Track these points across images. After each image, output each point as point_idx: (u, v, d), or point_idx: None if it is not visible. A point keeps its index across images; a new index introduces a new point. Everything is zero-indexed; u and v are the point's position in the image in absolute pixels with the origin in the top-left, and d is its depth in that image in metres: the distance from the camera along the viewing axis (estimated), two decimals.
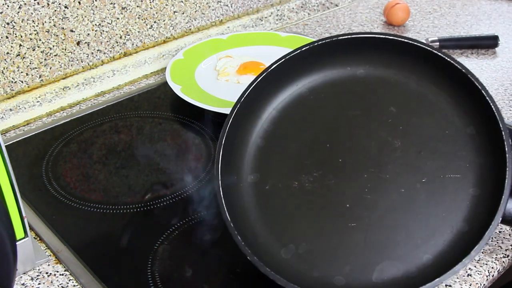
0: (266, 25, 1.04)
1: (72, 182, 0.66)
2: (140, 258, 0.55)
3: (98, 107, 0.80)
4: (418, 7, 1.12)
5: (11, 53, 0.75)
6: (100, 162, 0.69)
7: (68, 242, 0.58)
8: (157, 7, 0.88)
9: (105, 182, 0.66)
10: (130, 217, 0.61)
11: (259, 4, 1.03)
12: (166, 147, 0.72)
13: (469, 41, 0.94)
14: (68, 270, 0.55)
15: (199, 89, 0.82)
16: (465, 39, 0.95)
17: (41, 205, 0.63)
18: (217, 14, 0.97)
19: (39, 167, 0.69)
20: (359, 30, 1.03)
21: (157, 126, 0.76)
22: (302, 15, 1.09)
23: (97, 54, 0.84)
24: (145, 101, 0.82)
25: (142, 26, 0.87)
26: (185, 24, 0.93)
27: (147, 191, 0.65)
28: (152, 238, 0.58)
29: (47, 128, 0.76)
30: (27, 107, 0.78)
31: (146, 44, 0.89)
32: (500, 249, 0.57)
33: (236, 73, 0.85)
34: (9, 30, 0.74)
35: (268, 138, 0.59)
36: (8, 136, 0.76)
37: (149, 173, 0.67)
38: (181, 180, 0.66)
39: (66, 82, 0.81)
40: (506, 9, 1.10)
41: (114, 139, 0.73)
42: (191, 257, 0.56)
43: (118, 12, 0.84)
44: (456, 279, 0.54)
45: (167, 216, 0.61)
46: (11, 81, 0.77)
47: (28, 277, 0.55)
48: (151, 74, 0.90)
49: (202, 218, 0.60)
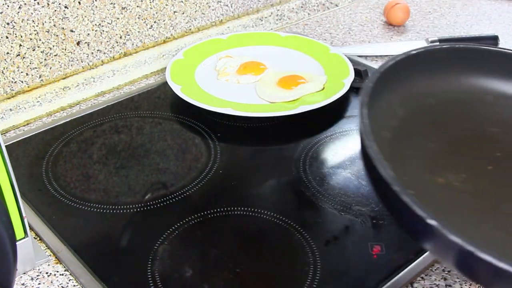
0: (266, 25, 1.04)
1: (72, 182, 0.66)
2: (140, 258, 0.55)
3: (98, 107, 0.80)
4: (418, 7, 1.12)
5: (11, 53, 0.75)
6: (100, 162, 0.69)
7: (68, 242, 0.58)
8: (157, 7, 0.88)
9: (105, 182, 0.66)
10: (130, 217, 0.61)
11: (259, 4, 1.03)
12: (166, 147, 0.72)
13: (469, 41, 0.94)
14: (68, 270, 0.55)
15: (199, 89, 0.82)
16: (465, 39, 0.95)
17: (41, 205, 0.63)
18: (217, 14, 0.97)
19: (39, 167, 0.69)
20: (359, 30, 1.03)
21: (157, 126, 0.76)
22: (302, 15, 1.09)
23: (97, 54, 0.84)
24: (145, 101, 0.82)
25: (142, 26, 0.87)
26: (185, 24, 0.93)
27: (147, 191, 0.65)
28: (152, 238, 0.58)
29: (47, 128, 0.76)
30: (27, 107, 0.78)
31: (146, 44, 0.89)
32: None
33: (236, 73, 0.85)
34: (9, 30, 0.74)
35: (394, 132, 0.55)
36: (8, 136, 0.76)
37: (149, 173, 0.67)
38: (181, 180, 0.66)
39: (66, 82, 0.81)
40: (506, 9, 1.10)
41: (114, 139, 0.73)
42: (191, 257, 0.56)
43: (118, 12, 0.84)
44: (456, 279, 0.54)
45: (167, 216, 0.61)
46: (11, 81, 0.77)
47: (28, 277, 0.55)
48: (151, 74, 0.90)
49: (202, 218, 0.60)
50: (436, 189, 0.52)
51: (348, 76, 0.81)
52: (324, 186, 0.64)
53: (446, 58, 0.59)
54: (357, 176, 0.66)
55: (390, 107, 0.56)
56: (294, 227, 0.59)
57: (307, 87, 0.79)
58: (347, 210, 0.61)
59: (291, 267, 0.54)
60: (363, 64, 0.88)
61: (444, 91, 0.59)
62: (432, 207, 0.45)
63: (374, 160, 0.45)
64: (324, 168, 0.68)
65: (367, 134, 0.47)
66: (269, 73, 0.84)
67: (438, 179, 0.52)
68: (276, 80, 0.81)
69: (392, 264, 0.55)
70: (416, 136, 0.56)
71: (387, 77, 0.54)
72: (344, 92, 0.78)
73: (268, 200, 0.63)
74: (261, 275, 0.54)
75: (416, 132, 0.56)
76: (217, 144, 0.72)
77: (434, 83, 0.59)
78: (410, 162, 0.53)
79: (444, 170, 0.53)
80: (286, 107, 0.76)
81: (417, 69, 0.58)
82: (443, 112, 0.58)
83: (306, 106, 0.75)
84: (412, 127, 0.56)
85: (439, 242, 0.42)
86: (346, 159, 0.69)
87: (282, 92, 0.79)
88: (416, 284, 0.53)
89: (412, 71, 0.57)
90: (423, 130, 0.56)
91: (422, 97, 0.58)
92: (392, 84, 0.56)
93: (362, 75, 0.83)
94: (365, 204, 0.61)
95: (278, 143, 0.74)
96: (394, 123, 0.55)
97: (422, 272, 0.54)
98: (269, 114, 0.74)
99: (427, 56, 0.58)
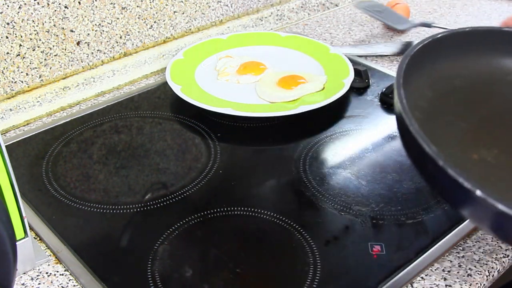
0: (266, 25, 1.04)
1: (72, 182, 0.66)
2: (140, 258, 0.55)
3: (98, 107, 0.80)
4: (418, 7, 1.12)
5: (11, 53, 0.75)
6: (100, 162, 0.69)
7: (68, 242, 0.58)
8: (157, 7, 0.88)
9: (105, 182, 0.66)
10: (130, 217, 0.61)
11: (259, 4, 1.03)
12: (166, 147, 0.72)
13: None
14: (68, 270, 0.55)
15: (199, 89, 0.82)
16: None
17: (41, 205, 0.63)
18: (217, 14, 0.97)
19: (39, 167, 0.69)
20: (359, 30, 1.03)
21: (157, 126, 0.76)
22: (302, 15, 1.09)
23: (97, 54, 0.84)
24: (145, 101, 0.82)
25: (142, 26, 0.87)
26: (185, 24, 0.93)
27: (147, 191, 0.65)
28: (152, 238, 0.58)
29: (47, 128, 0.76)
30: (27, 107, 0.78)
31: (146, 44, 0.89)
32: (500, 249, 0.57)
33: (236, 73, 0.85)
34: (9, 30, 0.74)
35: (425, 112, 0.57)
36: (8, 136, 0.76)
37: (149, 173, 0.67)
38: (181, 180, 0.66)
39: (66, 82, 0.81)
40: (506, 9, 1.10)
41: (114, 139, 0.73)
42: (191, 257, 0.56)
43: (118, 12, 0.84)
44: (456, 279, 0.54)
45: (167, 216, 0.61)
46: (11, 81, 0.77)
47: (28, 277, 0.55)
48: (151, 74, 0.90)
49: (202, 218, 0.60)
50: (471, 164, 0.54)
51: (348, 76, 0.81)
52: (324, 186, 0.64)
53: (469, 41, 0.61)
54: (357, 176, 0.66)
55: (418, 89, 0.57)
56: (294, 227, 0.59)
57: (307, 87, 0.79)
58: (347, 210, 0.61)
59: (291, 267, 0.54)
60: (363, 64, 0.88)
61: (469, 73, 0.61)
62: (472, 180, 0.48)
63: (418, 138, 0.47)
64: (324, 168, 0.68)
65: (407, 113, 0.49)
66: (269, 73, 0.84)
67: (473, 155, 0.54)
68: (276, 80, 0.81)
69: (392, 264, 0.55)
70: (446, 116, 0.57)
71: (415, 60, 0.56)
72: (344, 92, 0.78)
73: (268, 200, 0.63)
74: (261, 275, 0.54)
75: (446, 112, 0.58)
76: (217, 144, 0.72)
77: (459, 65, 0.61)
78: (443, 140, 0.55)
79: (476, 147, 0.55)
80: (286, 107, 0.76)
81: (442, 52, 0.59)
82: (469, 93, 0.60)
83: (306, 106, 0.75)
84: (441, 107, 0.58)
85: (482, 209, 0.45)
86: (346, 159, 0.69)
87: (282, 92, 0.79)
88: (416, 284, 0.53)
89: (438, 54, 0.59)
90: (452, 110, 0.58)
91: (448, 79, 0.60)
92: (419, 68, 0.58)
93: (362, 75, 0.83)
94: (365, 204, 0.61)
95: (278, 143, 0.74)
96: (423, 104, 0.57)
97: (422, 272, 0.54)
98: (269, 114, 0.74)
99: (451, 39, 0.59)
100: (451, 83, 0.60)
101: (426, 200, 0.62)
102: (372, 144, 0.71)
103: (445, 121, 0.58)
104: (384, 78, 0.86)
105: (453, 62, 0.61)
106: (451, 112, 0.58)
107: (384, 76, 0.86)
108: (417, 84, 0.58)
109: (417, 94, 0.58)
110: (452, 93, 0.60)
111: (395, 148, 0.70)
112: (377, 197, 0.62)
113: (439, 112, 0.58)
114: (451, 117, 0.58)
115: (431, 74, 0.59)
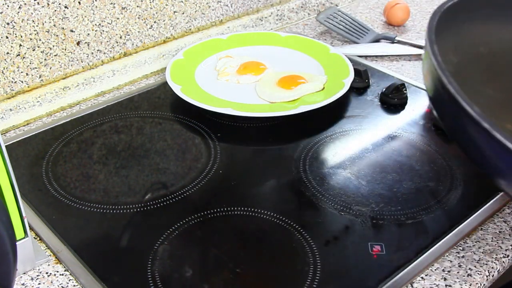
0: (266, 25, 1.04)
1: (72, 182, 0.66)
2: (140, 258, 0.55)
3: (98, 107, 0.80)
4: (418, 7, 1.12)
5: (11, 53, 0.75)
6: (100, 162, 0.69)
7: (68, 242, 0.58)
8: (157, 7, 0.88)
9: (105, 182, 0.66)
10: (130, 217, 0.61)
11: (259, 4, 1.03)
12: (166, 147, 0.72)
13: None
14: (68, 270, 0.55)
15: (199, 89, 0.82)
16: None
17: (41, 205, 0.63)
18: (217, 14, 0.97)
19: (39, 167, 0.69)
20: None
21: (157, 126, 0.76)
22: (302, 15, 1.09)
23: (97, 54, 0.84)
24: (145, 101, 0.82)
25: (142, 26, 0.87)
26: (185, 24, 0.93)
27: (147, 191, 0.65)
28: (152, 238, 0.58)
29: (47, 128, 0.76)
30: (27, 107, 0.78)
31: (146, 44, 0.89)
32: (500, 249, 0.57)
33: (236, 73, 0.85)
34: (9, 30, 0.74)
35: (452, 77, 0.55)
36: (8, 136, 0.76)
37: (149, 173, 0.67)
38: (181, 180, 0.66)
39: (66, 82, 0.81)
40: None
41: (114, 139, 0.74)
42: (191, 257, 0.56)
43: (118, 12, 0.84)
44: (456, 279, 0.54)
45: (167, 216, 0.61)
46: (11, 81, 0.77)
47: (28, 277, 0.55)
48: (151, 74, 0.90)
49: (202, 218, 0.60)
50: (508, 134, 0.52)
51: (348, 76, 0.81)
52: (324, 186, 0.64)
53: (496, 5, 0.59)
54: (357, 176, 0.66)
55: (443, 54, 0.55)
56: (294, 227, 0.59)
57: (307, 87, 0.79)
58: (347, 210, 0.61)
59: (291, 267, 0.54)
60: (363, 64, 0.88)
61: (494, 40, 0.59)
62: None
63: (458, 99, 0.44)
64: (324, 168, 0.68)
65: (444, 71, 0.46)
66: (269, 73, 0.84)
67: (506, 125, 0.53)
68: (276, 80, 0.81)
69: (392, 264, 0.55)
70: (474, 83, 0.56)
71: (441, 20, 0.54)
72: (344, 92, 0.78)
73: (268, 200, 0.63)
74: (261, 275, 0.54)
75: (473, 79, 0.56)
76: (217, 144, 0.72)
77: (485, 32, 0.59)
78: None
79: (509, 116, 0.53)
80: (286, 107, 0.76)
81: (468, 17, 0.57)
82: (495, 61, 0.58)
83: (306, 106, 0.75)
84: (468, 74, 0.56)
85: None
86: (346, 159, 0.69)
87: (282, 92, 0.79)
88: (416, 284, 0.53)
89: (464, 17, 0.57)
90: (480, 77, 0.56)
91: (473, 45, 0.58)
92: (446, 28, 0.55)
93: (362, 75, 0.83)
94: (365, 204, 0.62)
95: (278, 143, 0.74)
96: (450, 69, 0.54)
97: (422, 272, 0.54)
98: (269, 114, 0.74)
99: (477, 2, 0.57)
100: (477, 50, 0.58)
101: (426, 200, 0.62)
102: (372, 144, 0.71)
103: (473, 88, 0.54)
104: (384, 78, 0.86)
105: (479, 28, 0.58)
106: (478, 79, 0.56)
107: (384, 76, 0.86)
108: (441, 48, 0.54)
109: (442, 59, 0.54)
110: (478, 60, 0.58)
111: (395, 148, 0.70)
112: (377, 197, 0.63)
113: (466, 78, 0.55)
114: (478, 84, 0.56)
115: (456, 40, 0.57)
